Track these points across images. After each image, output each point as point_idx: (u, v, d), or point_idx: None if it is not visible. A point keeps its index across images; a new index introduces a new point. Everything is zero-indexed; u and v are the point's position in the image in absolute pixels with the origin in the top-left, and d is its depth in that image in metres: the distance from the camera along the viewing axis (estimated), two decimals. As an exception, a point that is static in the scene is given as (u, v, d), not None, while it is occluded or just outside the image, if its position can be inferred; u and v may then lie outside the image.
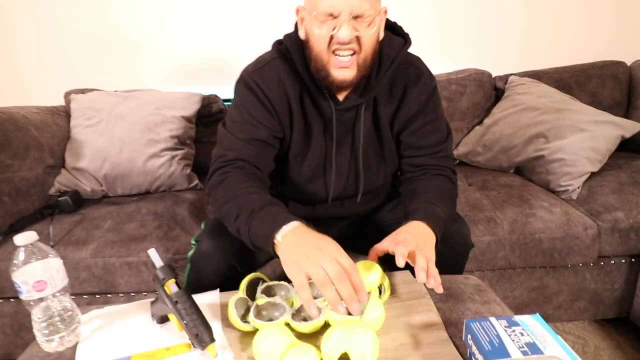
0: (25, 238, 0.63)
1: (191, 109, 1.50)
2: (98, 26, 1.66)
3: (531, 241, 1.16)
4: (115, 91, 1.57)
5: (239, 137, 0.82)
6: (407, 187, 0.91)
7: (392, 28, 0.89)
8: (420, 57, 0.92)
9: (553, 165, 1.34)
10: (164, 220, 1.22)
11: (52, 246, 1.11)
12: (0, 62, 1.68)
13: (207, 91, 1.62)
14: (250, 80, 0.83)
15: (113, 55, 1.69)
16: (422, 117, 0.88)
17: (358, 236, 1.02)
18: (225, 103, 1.65)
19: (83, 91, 1.57)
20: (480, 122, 1.60)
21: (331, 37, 0.74)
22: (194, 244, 0.87)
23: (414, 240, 0.69)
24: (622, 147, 1.45)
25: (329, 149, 0.89)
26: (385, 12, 0.82)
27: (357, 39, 0.74)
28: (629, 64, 1.69)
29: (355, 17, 0.72)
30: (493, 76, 1.67)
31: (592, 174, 1.33)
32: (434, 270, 0.66)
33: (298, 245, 0.63)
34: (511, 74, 1.67)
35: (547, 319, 1.26)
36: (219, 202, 0.77)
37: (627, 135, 1.41)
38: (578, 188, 1.30)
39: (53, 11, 1.63)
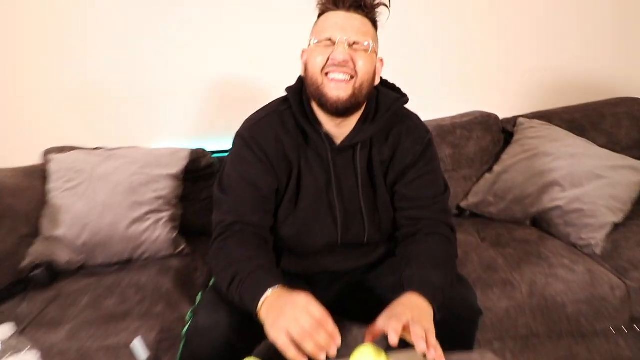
0: (1, 333, 0.63)
1: (178, 165, 1.53)
2: (78, 80, 1.72)
3: (553, 305, 1.15)
4: (96, 148, 1.61)
5: (237, 196, 0.89)
6: (402, 252, 0.94)
7: (390, 88, 0.98)
8: (416, 114, 0.99)
9: (571, 216, 1.35)
10: (147, 294, 1.21)
11: (24, 329, 1.10)
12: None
13: (194, 145, 1.66)
14: (247, 134, 0.91)
15: (94, 110, 1.74)
16: (417, 168, 0.94)
17: (356, 301, 1.02)
18: (214, 156, 1.69)
19: (62, 149, 1.61)
20: (489, 169, 1.63)
21: (327, 59, 0.84)
22: (189, 318, 0.88)
23: (408, 312, 0.70)
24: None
25: (329, 192, 0.93)
26: (382, 62, 0.92)
27: (353, 63, 0.83)
28: (644, 99, 1.74)
29: (352, 44, 0.83)
30: (500, 118, 1.72)
31: (616, 225, 1.34)
32: (434, 341, 0.67)
33: (274, 306, 0.71)
34: (519, 116, 1.72)
35: (580, 393, 1.23)
36: (217, 271, 0.86)
37: (649, 179, 1.43)
38: (601, 241, 1.30)
39: (31, 63, 1.70)
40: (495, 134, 1.67)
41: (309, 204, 0.94)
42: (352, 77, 0.84)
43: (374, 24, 0.89)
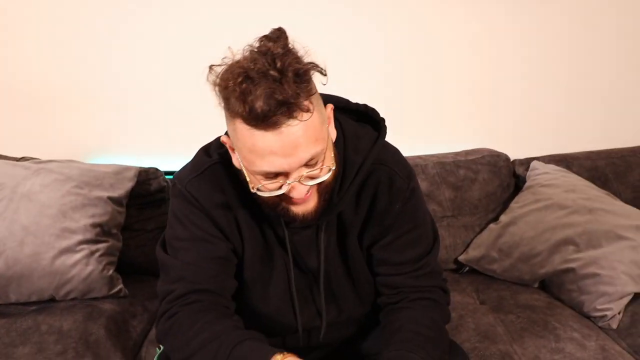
0: None
1: (123, 187, 1.58)
2: (2, 77, 1.77)
3: (559, 387, 1.21)
4: (23, 158, 1.65)
5: (188, 259, 0.88)
6: (384, 319, 0.98)
7: (360, 113, 0.97)
8: (397, 149, 0.99)
9: (586, 282, 1.43)
10: (70, 344, 1.23)
11: None
12: None
13: (144, 162, 1.72)
14: (186, 192, 0.89)
15: (22, 113, 1.79)
16: (396, 228, 0.95)
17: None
18: (168, 177, 1.74)
19: (-22, 157, 1.64)
20: (495, 219, 1.72)
21: (282, 196, 0.80)
22: None
23: None
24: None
25: (290, 274, 0.96)
26: (332, 109, 0.85)
27: (316, 185, 0.80)
28: (678, 150, 1.88)
29: (306, 164, 0.77)
30: (512, 159, 1.82)
31: (636, 296, 1.42)
32: None
33: None
34: (534, 158, 1.83)
35: None
36: (178, 358, 0.85)
37: (678, 244, 1.54)
38: (619, 314, 1.38)
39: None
40: (504, 178, 1.77)
41: (270, 286, 0.97)
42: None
43: (310, 94, 0.75)
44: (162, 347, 1.01)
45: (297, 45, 0.75)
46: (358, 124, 0.96)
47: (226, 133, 0.86)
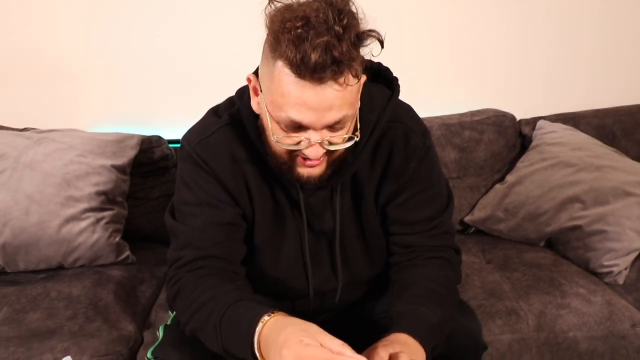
0: None
1: (126, 155, 1.58)
2: (4, 47, 1.76)
3: (564, 341, 1.22)
4: (25, 129, 1.65)
5: (195, 225, 0.88)
6: (396, 275, 0.98)
7: (374, 71, 0.94)
8: (411, 106, 0.98)
9: (593, 238, 1.44)
10: (80, 309, 1.25)
11: None
12: None
13: (147, 131, 1.71)
14: (195, 154, 0.87)
15: (24, 83, 1.78)
16: (412, 187, 0.94)
17: (344, 328, 1.07)
18: (172, 146, 1.74)
19: (-20, 128, 1.64)
20: (501, 179, 1.71)
21: (295, 149, 0.79)
22: (150, 359, 0.90)
23: (397, 347, 0.74)
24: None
25: (303, 235, 0.95)
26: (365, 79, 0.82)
27: (329, 151, 0.79)
28: (687, 106, 1.86)
29: (328, 127, 0.76)
30: (517, 119, 1.81)
31: (643, 251, 1.43)
32: None
33: (270, 350, 0.68)
34: (540, 118, 1.81)
35: None
36: (182, 322, 0.85)
37: (686, 200, 1.53)
38: (625, 269, 1.39)
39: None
40: (510, 138, 1.75)
41: (282, 250, 0.96)
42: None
43: (361, 60, 0.75)
44: (172, 314, 1.02)
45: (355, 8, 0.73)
46: (371, 83, 0.92)
47: (254, 73, 0.84)
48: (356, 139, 0.80)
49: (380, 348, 0.74)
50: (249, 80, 0.84)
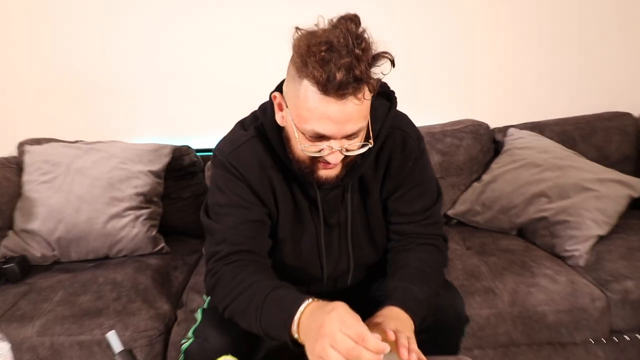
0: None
1: (160, 162, 1.59)
2: (58, 70, 1.77)
3: (535, 314, 1.22)
4: (76, 142, 1.67)
5: (228, 223, 0.87)
6: (392, 257, 0.98)
7: None
8: (405, 114, 0.98)
9: (557, 227, 1.44)
10: (123, 291, 1.26)
11: (-7, 322, 1.14)
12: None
13: (178, 142, 1.72)
14: (227, 163, 0.88)
15: (74, 102, 1.80)
16: (408, 182, 0.95)
17: (351, 307, 1.08)
18: (199, 154, 1.75)
19: (39, 141, 1.66)
20: (478, 178, 1.71)
21: (317, 156, 0.79)
22: (191, 336, 0.91)
23: (391, 323, 0.75)
24: (633, 206, 1.56)
25: (319, 230, 0.95)
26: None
27: (347, 156, 0.80)
28: (636, 115, 1.84)
29: (348, 136, 0.77)
30: (491, 128, 1.81)
31: (600, 238, 1.42)
32: (416, 347, 0.72)
33: (310, 329, 0.69)
34: (510, 126, 1.81)
35: (559, 405, 1.30)
36: (220, 307, 0.85)
37: (636, 194, 1.53)
38: (585, 253, 1.38)
39: (7, 54, 1.75)
40: (485, 143, 1.75)
41: (301, 243, 0.96)
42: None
43: (375, 79, 0.75)
44: (207, 298, 1.02)
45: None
46: (373, 97, 0.95)
47: (277, 90, 0.84)
48: (370, 145, 0.81)
49: (381, 323, 0.75)
50: (274, 97, 0.84)
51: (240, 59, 1.81)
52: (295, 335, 0.72)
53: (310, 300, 0.73)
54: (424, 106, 1.84)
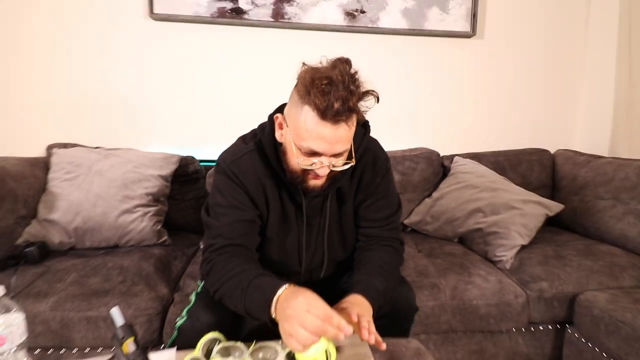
0: (-8, 293, 0.63)
1: (169, 168, 1.55)
2: (85, 85, 1.72)
3: (470, 307, 1.22)
4: (97, 147, 1.61)
5: (225, 221, 0.86)
6: (357, 255, 0.97)
7: None
8: (376, 139, 0.99)
9: (489, 237, 1.46)
10: (128, 275, 1.20)
11: (12, 297, 1.07)
12: (-13, 113, 1.69)
13: (184, 152, 1.69)
14: (228, 170, 0.87)
15: (98, 114, 1.75)
16: (376, 194, 0.95)
17: (323, 296, 1.05)
18: (202, 164, 1.71)
19: (65, 145, 1.60)
20: (429, 195, 1.73)
21: (309, 168, 0.80)
22: (184, 315, 0.88)
23: (355, 308, 0.74)
24: (548, 223, 1.60)
25: (301, 230, 0.94)
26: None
27: (334, 169, 0.81)
28: (552, 151, 1.91)
29: (335, 155, 0.78)
30: (441, 155, 1.83)
31: (523, 247, 1.44)
32: (374, 330, 0.72)
33: (283, 312, 0.68)
34: (456, 155, 1.84)
35: (487, 382, 1.30)
36: (211, 290, 0.83)
37: (551, 214, 1.56)
38: (511, 259, 1.40)
39: (41, 69, 1.69)
40: (435, 167, 1.78)
41: (285, 241, 0.95)
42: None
43: (360, 118, 0.79)
44: (201, 284, 0.99)
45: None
46: None
47: (278, 111, 0.85)
48: (352, 163, 0.82)
49: (347, 306, 0.74)
50: (275, 117, 0.85)
51: (241, 85, 1.80)
52: (274, 316, 0.70)
53: (287, 286, 0.72)
54: (389, 136, 1.84)
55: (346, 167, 0.82)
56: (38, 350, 1.08)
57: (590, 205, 1.60)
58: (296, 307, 0.65)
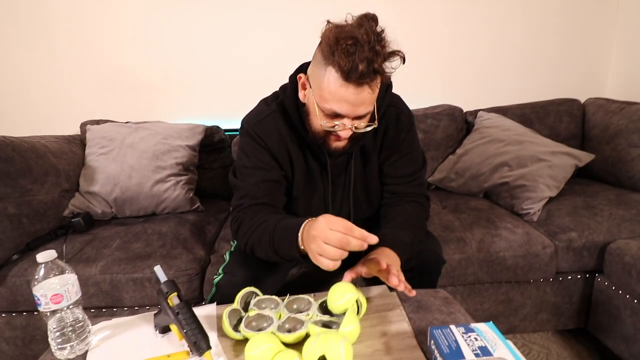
0: (45, 256, 0.67)
1: (195, 138, 1.56)
2: (111, 64, 1.74)
3: (497, 259, 1.21)
4: (127, 122, 1.64)
5: (251, 181, 0.86)
6: (384, 211, 0.96)
7: None
8: (399, 95, 0.95)
9: (516, 190, 1.41)
10: (167, 240, 1.25)
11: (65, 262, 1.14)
12: (24, 94, 1.74)
13: (210, 123, 1.69)
14: (252, 131, 0.86)
15: (125, 90, 1.77)
16: (400, 150, 0.93)
17: (349, 255, 1.06)
18: (227, 133, 1.72)
19: (98, 122, 1.63)
20: (453, 152, 1.68)
21: (332, 129, 0.77)
22: (221, 273, 0.90)
23: (383, 259, 0.74)
24: (578, 174, 1.53)
25: (326, 189, 0.93)
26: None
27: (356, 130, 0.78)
28: (582, 101, 1.78)
29: (358, 117, 0.75)
30: (464, 111, 1.76)
31: (551, 199, 1.39)
32: (403, 278, 0.72)
33: (308, 239, 0.68)
34: (480, 109, 1.76)
35: (514, 329, 1.30)
36: (242, 243, 0.84)
37: (581, 164, 1.49)
38: (538, 211, 1.35)
39: (71, 50, 1.71)
40: (459, 124, 1.71)
41: (311, 201, 0.94)
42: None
43: (386, 80, 0.74)
44: (234, 244, 1.01)
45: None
46: None
47: (301, 72, 0.82)
48: (374, 125, 0.79)
49: (376, 257, 0.73)
50: (299, 78, 0.82)
51: (259, 53, 1.76)
52: (302, 247, 0.71)
53: (308, 220, 0.72)
54: (411, 93, 1.79)
55: (369, 129, 0.79)
56: (93, 310, 1.16)
57: (623, 153, 1.51)
58: (317, 227, 0.65)
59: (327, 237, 0.63)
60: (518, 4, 1.79)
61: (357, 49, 0.67)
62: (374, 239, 0.63)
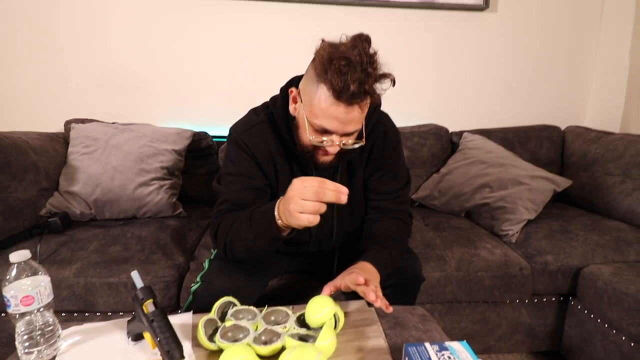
0: (19, 256, 0.65)
1: (182, 143, 1.55)
2: (100, 63, 1.72)
3: (475, 278, 1.23)
4: (114, 123, 1.62)
5: (233, 188, 0.86)
6: (367, 226, 0.97)
7: None
8: (387, 113, 0.97)
9: (496, 212, 1.44)
10: (146, 245, 1.23)
11: (38, 263, 1.10)
12: (7, 90, 1.70)
13: (198, 129, 1.68)
14: (239, 140, 0.86)
15: (113, 90, 1.74)
16: (386, 167, 0.94)
17: (329, 268, 1.07)
18: (215, 140, 1.71)
19: (83, 121, 1.61)
20: (437, 171, 1.71)
21: (320, 145, 0.78)
22: (199, 281, 0.89)
23: (362, 274, 0.74)
24: (556, 199, 1.58)
25: None
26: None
27: (343, 146, 0.79)
28: (562, 128, 1.86)
29: (346, 134, 0.77)
30: (450, 131, 1.80)
31: (529, 221, 1.43)
32: (381, 294, 0.72)
33: (284, 203, 0.69)
34: (465, 131, 1.81)
35: (489, 349, 1.32)
36: (221, 244, 0.83)
37: (559, 189, 1.54)
38: (517, 233, 1.39)
39: (59, 46, 1.69)
40: (444, 143, 1.75)
41: None
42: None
43: (375, 100, 0.75)
44: (214, 252, 1.00)
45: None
46: None
47: (291, 85, 0.83)
48: (362, 143, 0.80)
49: (355, 272, 0.74)
50: (290, 91, 0.83)
51: (252, 62, 1.77)
52: (279, 223, 0.71)
53: (281, 197, 0.72)
54: (399, 112, 1.83)
55: (356, 146, 0.80)
56: (64, 313, 1.12)
57: (599, 181, 1.57)
58: (293, 187, 0.66)
59: (303, 192, 0.64)
60: (508, 32, 1.87)
61: (350, 69, 0.69)
62: (345, 189, 0.64)
